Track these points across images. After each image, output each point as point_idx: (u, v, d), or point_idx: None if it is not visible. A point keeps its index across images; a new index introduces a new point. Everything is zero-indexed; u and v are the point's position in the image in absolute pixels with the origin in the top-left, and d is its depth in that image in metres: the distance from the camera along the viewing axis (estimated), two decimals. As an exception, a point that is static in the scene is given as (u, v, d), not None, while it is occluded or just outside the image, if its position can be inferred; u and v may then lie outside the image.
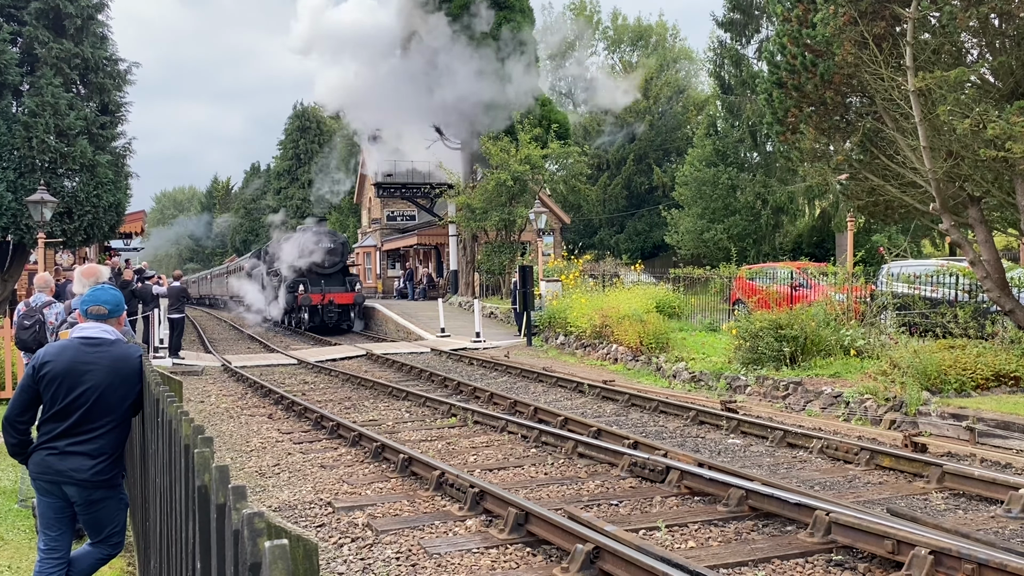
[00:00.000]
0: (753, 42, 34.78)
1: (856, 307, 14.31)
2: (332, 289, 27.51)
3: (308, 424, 10.57)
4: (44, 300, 7.68)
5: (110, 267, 18.03)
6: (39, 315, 7.52)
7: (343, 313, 27.81)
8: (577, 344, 18.25)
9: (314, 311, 27.08)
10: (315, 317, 27.08)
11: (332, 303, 27.11)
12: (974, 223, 11.40)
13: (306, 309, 27.12)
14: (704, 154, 35.22)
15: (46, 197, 15.54)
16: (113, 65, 22.06)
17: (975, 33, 10.81)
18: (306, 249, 28.15)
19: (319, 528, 6.18)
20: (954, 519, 6.11)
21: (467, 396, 12.61)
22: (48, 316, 7.49)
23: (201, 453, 2.20)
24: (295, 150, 62.54)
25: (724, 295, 20.22)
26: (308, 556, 1.82)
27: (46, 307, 7.55)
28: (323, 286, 27.54)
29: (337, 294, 27.33)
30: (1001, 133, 9.31)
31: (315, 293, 26.97)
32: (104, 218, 21.24)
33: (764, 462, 8.12)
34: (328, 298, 27.00)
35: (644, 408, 11.24)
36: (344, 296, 27.46)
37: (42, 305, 7.60)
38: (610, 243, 45.43)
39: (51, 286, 8.07)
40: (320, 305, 26.94)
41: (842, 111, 12.47)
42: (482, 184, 28.72)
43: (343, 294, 27.49)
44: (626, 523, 5.93)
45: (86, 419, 4.10)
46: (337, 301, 27.24)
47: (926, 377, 9.85)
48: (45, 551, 4.26)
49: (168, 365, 16.44)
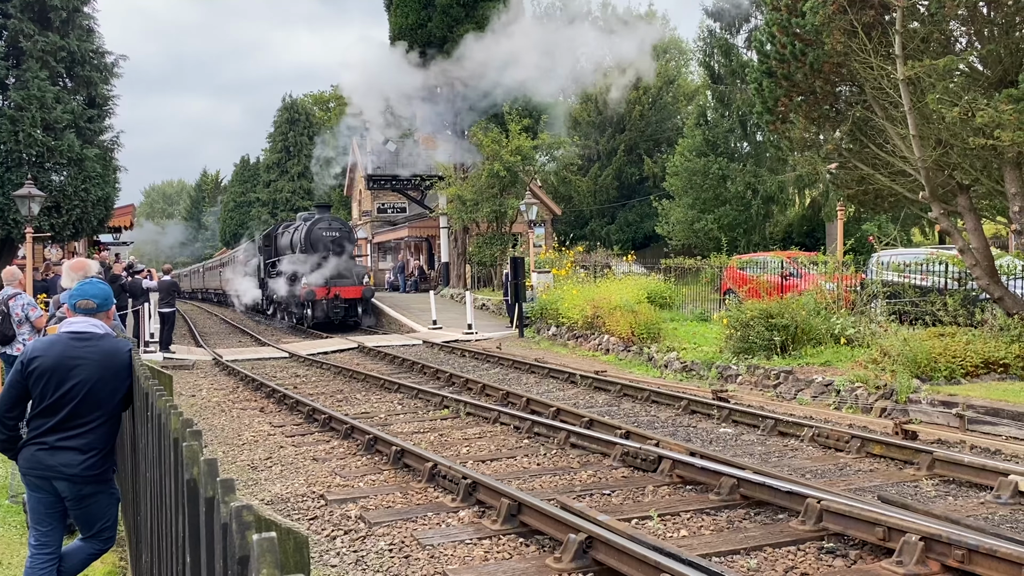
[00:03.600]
0: (743, 31, 34.79)
1: (846, 296, 14.36)
2: (338, 282, 25.06)
3: (300, 417, 10.55)
4: (10, 292, 7.58)
5: (99, 261, 17.93)
6: (3, 307, 7.43)
7: (350, 308, 25.29)
8: (569, 335, 18.26)
9: (318, 306, 24.73)
10: (319, 313, 24.76)
11: (338, 297, 24.70)
12: (963, 211, 11.44)
13: (309, 304, 24.75)
14: (694, 144, 35.21)
15: (33, 191, 15.43)
16: (100, 58, 21.93)
17: (964, 21, 10.83)
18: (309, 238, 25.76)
19: (312, 521, 6.18)
20: (944, 505, 6.14)
21: (459, 388, 12.61)
22: (14, 308, 7.40)
23: (190, 446, 2.18)
24: (284, 143, 62.25)
25: (715, 285, 20.27)
26: (298, 548, 1.81)
27: (11, 299, 7.46)
28: (328, 279, 25.18)
29: (343, 287, 24.85)
30: (990, 121, 9.33)
31: (319, 287, 24.56)
32: (93, 212, 21.14)
33: (756, 451, 8.15)
34: (334, 292, 24.57)
35: (636, 398, 11.26)
36: (351, 290, 24.97)
37: (7, 297, 7.51)
38: (601, 234, 45.41)
39: (19, 279, 7.97)
40: (325, 299, 24.56)
41: (832, 100, 12.47)
42: (473, 175, 28.64)
43: (350, 287, 25.00)
44: (619, 512, 5.94)
45: (76, 414, 4.08)
46: (343, 295, 24.79)
47: (916, 365, 9.90)
48: (36, 546, 4.24)
49: (159, 359, 16.38)
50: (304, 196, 59.32)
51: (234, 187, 70.37)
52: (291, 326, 26.74)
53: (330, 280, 24.94)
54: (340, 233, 26.33)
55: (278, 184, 61.89)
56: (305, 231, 25.94)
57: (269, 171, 63.18)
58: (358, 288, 25.19)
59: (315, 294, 24.33)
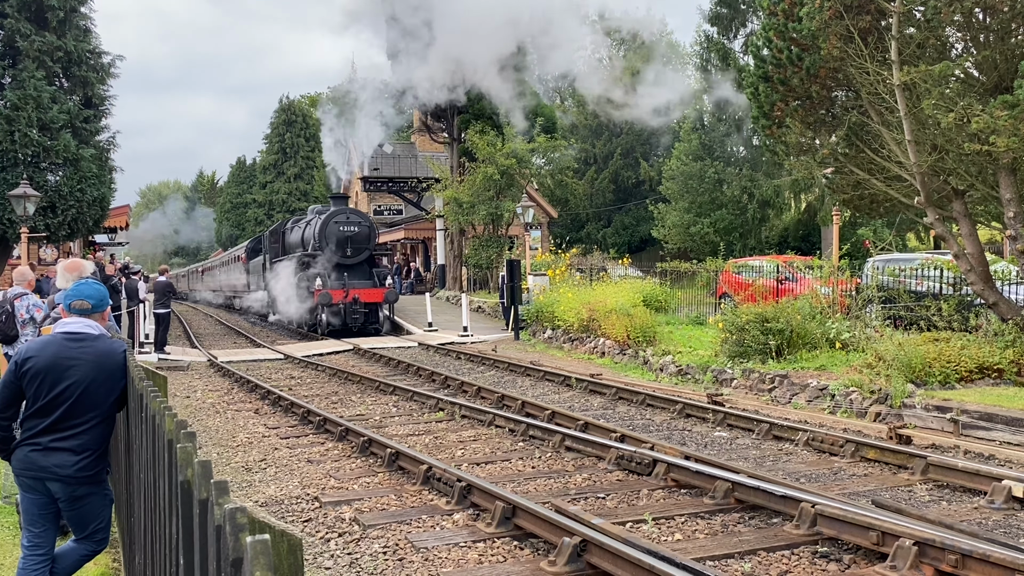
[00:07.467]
0: (740, 36, 34.87)
1: (842, 300, 14.39)
2: (357, 284, 22.47)
3: (295, 419, 10.54)
4: (17, 292, 7.55)
5: (94, 262, 17.90)
6: (7, 306, 7.39)
7: (370, 313, 22.63)
8: (565, 338, 18.27)
9: (334, 311, 22.07)
10: (334, 318, 22.13)
11: (357, 301, 22.02)
12: (958, 217, 11.47)
13: (325, 309, 21.93)
14: (691, 148, 35.31)
15: (29, 191, 15.40)
16: (96, 58, 21.90)
17: (959, 27, 10.86)
18: (324, 233, 22.84)
19: (306, 523, 6.17)
20: (938, 510, 6.15)
21: (455, 390, 12.60)
22: (19, 308, 7.37)
23: (184, 448, 2.18)
24: (281, 144, 62.19)
25: (711, 289, 20.30)
26: (292, 551, 1.80)
27: (17, 299, 7.42)
28: (346, 280, 22.47)
29: (363, 290, 22.27)
30: (985, 127, 9.36)
31: (336, 289, 21.87)
32: (88, 212, 21.10)
33: (750, 455, 8.15)
34: (352, 295, 21.92)
35: (631, 401, 11.26)
36: (372, 293, 22.38)
37: (13, 296, 7.48)
38: (597, 237, 45.47)
39: (28, 279, 7.92)
40: (343, 304, 21.89)
41: (828, 105, 12.51)
42: (469, 178, 28.63)
43: (370, 290, 22.42)
44: (613, 516, 5.94)
45: (70, 415, 4.07)
46: (363, 299, 22.17)
47: (911, 370, 9.92)
48: (29, 547, 4.23)
49: (153, 360, 16.35)
50: (300, 197, 59.22)
51: (230, 188, 70.25)
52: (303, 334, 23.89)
53: (348, 282, 22.44)
54: (360, 228, 23.37)
55: (274, 185, 61.81)
56: (320, 225, 23.05)
57: (265, 172, 63.09)
58: (380, 291, 22.53)
59: (331, 297, 21.59)
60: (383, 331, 22.84)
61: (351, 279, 22.63)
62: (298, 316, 24.02)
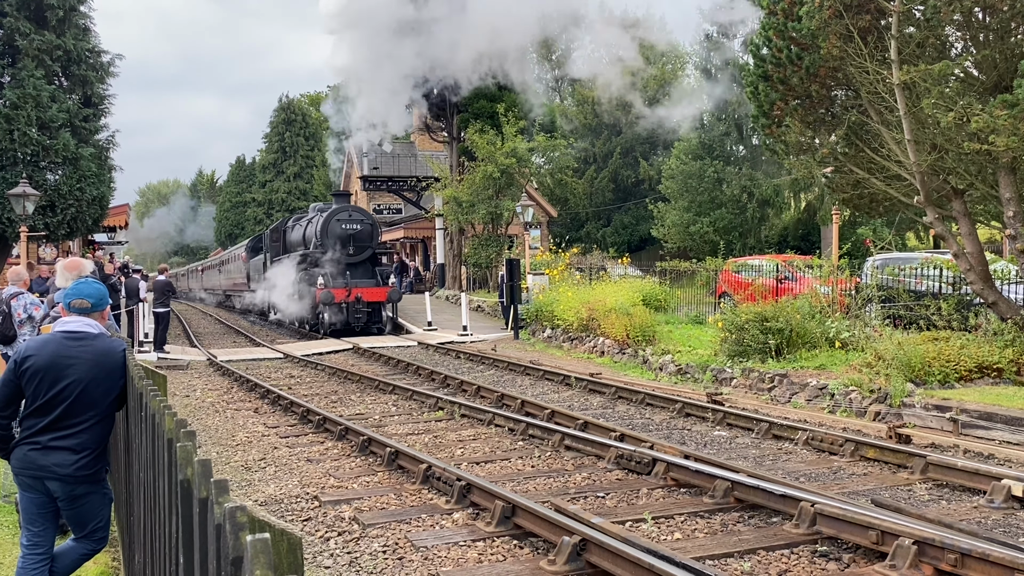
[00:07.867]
0: (739, 35, 34.92)
1: (841, 300, 14.39)
2: (360, 283, 22.14)
3: (294, 418, 10.53)
4: (13, 291, 7.54)
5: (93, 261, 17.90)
6: (4, 307, 7.39)
7: (373, 313, 22.39)
8: (564, 337, 18.27)
9: (336, 310, 21.75)
10: (336, 317, 21.78)
11: (360, 300, 21.77)
12: (958, 216, 11.48)
13: (326, 308, 21.66)
14: (690, 147, 35.32)
15: (28, 190, 15.40)
16: (96, 57, 21.91)
17: (959, 27, 10.87)
18: (326, 231, 22.65)
19: (306, 522, 6.17)
20: (938, 509, 6.16)
21: (454, 389, 12.60)
22: (16, 308, 7.36)
23: (184, 447, 2.18)
24: (280, 143, 62.24)
25: (710, 288, 20.32)
26: (292, 550, 1.80)
27: (14, 298, 7.41)
28: (348, 279, 22.12)
29: (366, 289, 21.94)
30: (985, 126, 9.36)
31: (338, 288, 21.55)
32: (87, 211, 21.11)
33: (750, 454, 8.16)
34: (355, 294, 21.60)
35: (631, 401, 11.26)
36: (375, 292, 22.07)
37: (10, 296, 7.47)
38: (597, 236, 45.47)
39: (24, 279, 7.91)
40: (345, 303, 21.61)
41: (827, 104, 12.51)
42: (469, 177, 28.61)
43: (373, 289, 22.11)
44: (613, 515, 5.94)
45: (69, 414, 4.07)
46: (366, 298, 21.88)
47: (910, 369, 9.92)
48: (28, 546, 4.23)
49: (153, 359, 16.34)
50: (300, 196, 59.27)
51: (229, 187, 70.25)
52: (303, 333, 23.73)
53: (351, 280, 22.14)
54: (363, 226, 23.10)
55: (274, 184, 61.85)
56: (321, 223, 22.83)
57: (265, 171, 63.13)
58: (383, 290, 22.24)
59: (332, 296, 21.33)
60: (386, 331, 22.61)
61: (354, 278, 22.36)
62: (299, 315, 23.84)
